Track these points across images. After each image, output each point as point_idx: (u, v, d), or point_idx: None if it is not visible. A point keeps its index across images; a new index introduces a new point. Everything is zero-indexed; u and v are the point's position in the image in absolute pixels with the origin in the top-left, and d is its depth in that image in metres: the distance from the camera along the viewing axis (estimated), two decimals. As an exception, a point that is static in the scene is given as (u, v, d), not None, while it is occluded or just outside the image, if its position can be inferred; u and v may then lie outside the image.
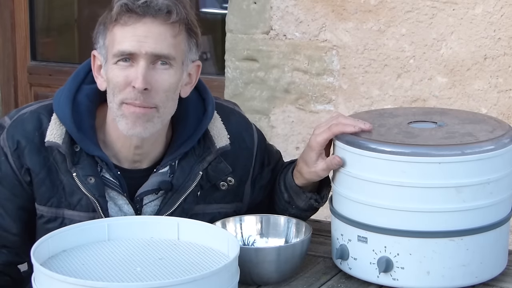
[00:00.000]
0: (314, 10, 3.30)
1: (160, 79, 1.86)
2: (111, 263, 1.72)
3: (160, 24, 1.85)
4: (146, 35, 1.84)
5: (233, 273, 1.66)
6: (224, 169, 2.01)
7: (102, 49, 1.90)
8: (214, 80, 3.77)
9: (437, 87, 3.15)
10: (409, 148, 1.78)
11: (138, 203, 1.97)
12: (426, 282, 1.80)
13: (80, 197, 1.93)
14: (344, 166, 1.87)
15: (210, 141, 2.00)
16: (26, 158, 1.93)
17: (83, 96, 1.97)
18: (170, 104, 1.91)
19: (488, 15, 3.04)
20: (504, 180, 1.83)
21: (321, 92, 3.34)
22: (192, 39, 1.92)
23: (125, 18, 1.85)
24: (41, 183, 1.94)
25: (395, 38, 3.18)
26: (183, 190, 1.96)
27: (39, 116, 1.96)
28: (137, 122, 1.87)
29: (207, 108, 2.01)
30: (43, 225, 1.96)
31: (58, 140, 1.91)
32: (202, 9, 4.52)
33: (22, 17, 4.26)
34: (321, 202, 2.06)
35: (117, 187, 1.94)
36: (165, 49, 1.86)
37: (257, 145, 2.09)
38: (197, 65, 1.97)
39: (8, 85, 4.31)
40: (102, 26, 1.90)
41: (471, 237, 1.80)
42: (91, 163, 1.93)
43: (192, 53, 1.93)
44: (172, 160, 1.97)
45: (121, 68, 1.86)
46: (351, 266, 1.87)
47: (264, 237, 1.99)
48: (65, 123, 1.93)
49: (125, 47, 1.85)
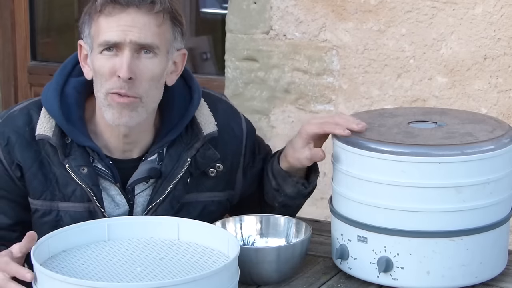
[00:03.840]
0: (314, 10, 3.30)
1: (145, 68, 1.89)
2: (111, 263, 1.72)
3: (144, 14, 1.88)
4: (131, 25, 1.87)
5: (233, 273, 1.66)
6: (212, 155, 2.02)
7: (88, 38, 1.93)
8: (214, 80, 3.77)
9: (437, 87, 3.15)
10: (409, 148, 1.78)
11: (130, 193, 1.98)
12: (426, 282, 1.80)
13: (74, 188, 1.94)
14: (344, 166, 1.87)
15: (197, 128, 2.02)
16: (17, 153, 1.95)
17: (70, 88, 1.99)
18: (154, 93, 1.93)
19: (488, 15, 3.04)
20: (504, 180, 1.83)
21: (321, 92, 3.34)
22: (176, 28, 1.94)
23: (109, 9, 1.87)
24: (33, 177, 1.95)
25: (395, 38, 3.18)
26: (172, 177, 1.98)
27: (28, 112, 1.99)
28: (123, 112, 1.89)
29: (193, 95, 2.04)
30: (39, 219, 1.97)
31: (48, 133, 1.94)
32: (202, 9, 4.52)
33: (22, 17, 4.26)
34: (308, 187, 2.07)
35: (109, 176, 1.96)
36: (149, 38, 1.88)
37: (246, 134, 2.11)
38: (183, 54, 1.99)
39: (8, 85, 4.31)
40: (87, 16, 1.93)
41: (471, 237, 1.80)
42: (82, 153, 1.95)
43: (177, 41, 1.96)
44: (159, 148, 1.99)
45: (106, 58, 1.89)
46: (351, 266, 1.88)
47: (264, 237, 1.99)
48: (54, 116, 1.95)
49: (110, 37, 1.87)
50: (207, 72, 4.29)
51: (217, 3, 4.53)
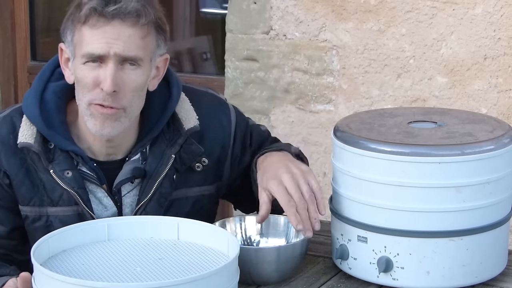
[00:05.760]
0: (314, 10, 3.29)
1: (128, 80, 1.88)
2: (111, 263, 1.72)
3: (128, 27, 1.86)
4: (115, 38, 1.85)
5: (233, 273, 1.66)
6: (196, 150, 2.01)
7: (70, 45, 1.91)
8: (214, 80, 3.77)
9: (437, 87, 3.15)
10: (409, 148, 1.78)
11: (116, 195, 1.98)
12: (426, 282, 1.80)
13: (61, 193, 1.95)
14: (344, 166, 1.87)
15: (178, 123, 2.01)
16: (3, 161, 1.95)
17: (50, 93, 1.98)
18: (137, 103, 1.93)
19: (488, 15, 3.04)
20: (504, 180, 1.83)
21: (321, 92, 3.33)
22: (160, 36, 1.93)
23: (94, 21, 1.86)
24: (20, 184, 1.96)
25: (395, 38, 3.18)
26: (157, 175, 1.98)
27: (11, 119, 1.98)
28: (105, 123, 1.89)
29: (172, 90, 2.02)
30: (30, 225, 1.98)
31: (30, 140, 1.93)
32: (202, 9, 4.52)
33: (22, 17, 4.25)
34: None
35: (94, 179, 1.96)
36: (133, 51, 1.87)
37: (235, 125, 2.09)
38: (165, 58, 1.98)
39: (8, 85, 4.31)
40: (70, 22, 1.91)
41: (471, 237, 1.80)
42: (66, 158, 1.95)
43: (160, 48, 1.95)
44: (142, 147, 1.99)
45: (90, 69, 1.87)
46: (351, 266, 1.88)
47: (264, 237, 1.99)
48: (35, 122, 1.95)
49: (94, 49, 1.86)
50: (207, 72, 4.29)
51: (217, 3, 4.53)
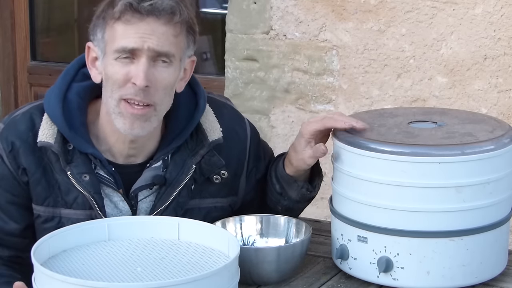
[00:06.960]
0: (314, 10, 3.30)
1: (160, 77, 1.87)
2: (111, 263, 1.72)
3: (163, 24, 1.86)
4: (149, 33, 1.85)
5: (233, 273, 1.66)
6: (217, 162, 2.01)
7: (100, 42, 1.90)
8: (214, 80, 3.77)
9: (437, 87, 3.15)
10: (409, 148, 1.78)
11: (133, 199, 1.97)
12: (426, 282, 1.80)
13: (76, 195, 1.93)
14: (344, 166, 1.87)
15: (202, 135, 2.00)
16: (22, 159, 1.93)
17: (73, 94, 1.97)
18: (167, 101, 1.92)
19: (488, 15, 3.04)
20: (504, 180, 1.83)
21: (321, 92, 3.34)
22: (190, 37, 1.93)
23: (128, 17, 1.85)
24: (37, 183, 1.94)
25: (395, 38, 3.18)
26: (177, 184, 1.97)
27: (31, 116, 1.96)
28: (135, 123, 1.88)
29: (199, 101, 2.02)
30: (41, 225, 1.96)
31: (50, 140, 1.92)
32: (202, 9, 4.51)
33: (22, 17, 4.26)
34: (313, 191, 2.06)
35: (111, 183, 1.95)
36: (167, 47, 1.87)
37: (250, 139, 2.09)
38: (192, 60, 1.98)
39: (8, 85, 4.31)
40: (101, 20, 1.90)
41: (471, 237, 1.80)
42: (84, 160, 1.93)
43: (189, 49, 1.95)
44: (165, 154, 1.98)
45: (122, 65, 1.86)
46: (351, 266, 1.88)
47: (264, 237, 1.99)
48: (56, 122, 1.93)
49: (127, 43, 1.85)
50: (207, 72, 4.29)
51: (217, 3, 4.53)
